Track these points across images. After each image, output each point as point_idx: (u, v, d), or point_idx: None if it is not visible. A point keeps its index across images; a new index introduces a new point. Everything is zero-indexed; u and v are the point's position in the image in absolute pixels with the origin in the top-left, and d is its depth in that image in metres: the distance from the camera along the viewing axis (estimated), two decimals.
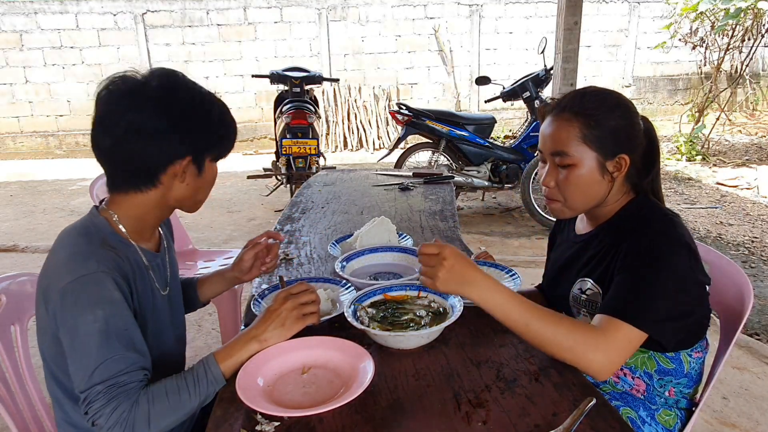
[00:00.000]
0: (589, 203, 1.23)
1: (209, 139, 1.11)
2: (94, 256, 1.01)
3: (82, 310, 0.96)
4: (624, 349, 1.04)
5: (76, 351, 0.96)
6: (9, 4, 8.04)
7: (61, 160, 8.21)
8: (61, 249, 1.06)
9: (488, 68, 8.64)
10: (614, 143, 1.17)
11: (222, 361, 1.04)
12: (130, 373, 0.97)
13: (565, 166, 1.19)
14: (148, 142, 1.04)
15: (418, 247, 1.08)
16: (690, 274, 1.11)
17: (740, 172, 6.17)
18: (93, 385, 0.94)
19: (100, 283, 0.99)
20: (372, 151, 8.42)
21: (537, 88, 4.73)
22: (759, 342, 2.75)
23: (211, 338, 2.87)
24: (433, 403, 0.95)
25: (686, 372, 1.22)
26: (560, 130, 1.19)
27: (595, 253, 1.25)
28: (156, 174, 1.07)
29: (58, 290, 0.98)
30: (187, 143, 1.07)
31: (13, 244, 4.45)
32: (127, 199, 1.10)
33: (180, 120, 1.05)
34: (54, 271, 1.03)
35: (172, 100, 1.05)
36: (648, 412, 1.23)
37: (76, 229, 1.09)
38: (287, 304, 1.10)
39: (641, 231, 1.14)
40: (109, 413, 0.92)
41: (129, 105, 1.03)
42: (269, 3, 8.38)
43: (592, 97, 1.20)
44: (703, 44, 7.50)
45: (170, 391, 0.98)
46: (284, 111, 4.85)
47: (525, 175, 4.46)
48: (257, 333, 1.08)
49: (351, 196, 2.45)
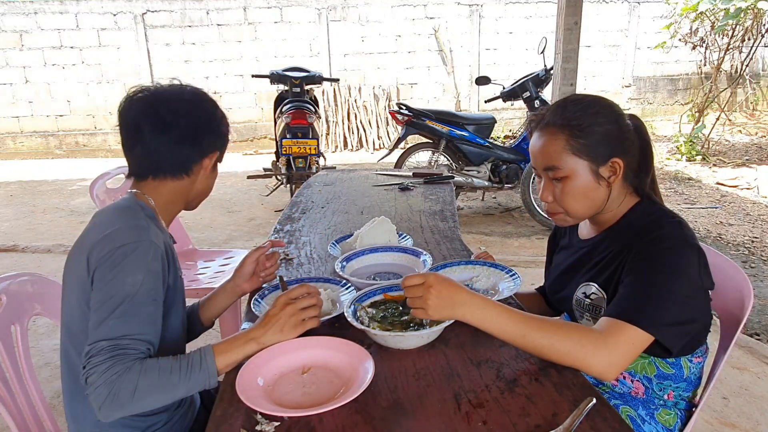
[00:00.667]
0: (591, 210, 1.22)
1: (224, 140, 1.28)
2: (146, 229, 1.11)
3: (127, 272, 1.03)
4: (627, 352, 1.03)
5: (104, 305, 1.01)
6: (9, 4, 8.04)
7: (61, 160, 8.21)
8: (112, 220, 1.13)
9: (488, 68, 8.63)
10: (604, 149, 1.16)
11: (219, 354, 1.04)
12: (136, 340, 1.00)
13: (559, 179, 1.19)
14: (195, 136, 1.21)
15: (401, 282, 1.09)
16: (698, 281, 1.10)
17: (740, 172, 6.17)
18: (99, 340, 0.98)
19: (149, 251, 1.07)
20: (372, 151, 8.42)
21: (537, 88, 4.73)
22: (759, 342, 2.76)
23: (211, 338, 2.87)
24: (433, 403, 0.95)
25: (686, 377, 1.22)
26: (548, 145, 1.18)
27: (601, 258, 1.24)
28: (191, 162, 1.22)
29: (110, 251, 1.05)
30: (217, 141, 1.26)
31: (13, 244, 4.45)
32: (161, 185, 1.22)
33: (211, 120, 1.24)
34: (106, 236, 1.08)
35: (203, 103, 1.24)
36: (647, 411, 1.23)
37: (120, 209, 1.17)
38: (287, 309, 1.10)
39: (651, 235, 1.13)
40: (101, 372, 0.94)
41: (172, 106, 1.19)
42: (269, 3, 8.38)
43: (573, 106, 1.18)
44: (703, 44, 7.50)
45: (162, 369, 0.98)
46: (284, 111, 4.86)
47: (525, 175, 4.46)
48: (256, 335, 1.08)
49: (351, 196, 2.45)
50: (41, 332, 2.93)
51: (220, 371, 1.04)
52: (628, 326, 1.03)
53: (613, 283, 1.18)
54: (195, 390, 1.02)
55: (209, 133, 1.23)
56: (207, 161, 1.25)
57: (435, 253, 1.66)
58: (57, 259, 4.04)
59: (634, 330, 1.03)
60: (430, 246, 1.75)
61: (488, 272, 1.42)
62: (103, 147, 8.62)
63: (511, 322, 1.03)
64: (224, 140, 1.28)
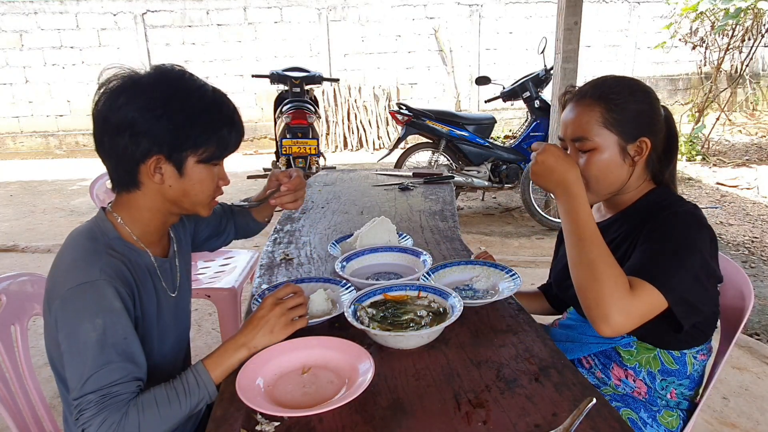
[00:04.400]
0: (611, 188, 1.22)
1: (183, 136, 1.04)
2: (98, 263, 1.00)
3: (82, 318, 0.96)
4: (644, 309, 1.03)
5: (73, 357, 0.96)
6: (9, 4, 8.04)
7: (61, 160, 8.21)
8: (67, 252, 1.06)
9: (488, 68, 8.63)
10: (635, 126, 1.18)
11: (212, 370, 1.03)
12: (124, 383, 0.96)
13: (586, 151, 1.20)
14: (114, 138, 1.02)
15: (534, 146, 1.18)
16: (710, 263, 1.10)
17: (740, 172, 6.17)
18: (85, 394, 0.93)
19: (100, 291, 0.98)
20: (372, 151, 8.42)
21: (537, 88, 4.73)
22: (759, 342, 2.75)
23: (211, 338, 2.88)
24: (433, 403, 0.95)
25: (689, 374, 1.22)
26: (582, 116, 1.20)
27: (614, 238, 1.24)
28: (133, 174, 1.06)
29: (60, 295, 0.98)
30: (152, 139, 1.02)
31: (13, 244, 4.45)
32: (126, 200, 1.11)
33: (143, 113, 1.00)
34: (58, 274, 1.03)
35: (139, 92, 1.01)
36: (649, 414, 1.23)
37: (83, 233, 1.08)
38: (276, 310, 1.09)
39: (665, 212, 1.13)
40: (99, 423, 0.91)
41: (101, 100, 1.03)
42: (269, 3, 8.38)
43: (612, 82, 1.22)
44: (703, 44, 7.50)
45: (160, 400, 0.97)
46: (284, 111, 4.86)
47: (525, 175, 4.46)
48: (246, 340, 1.07)
49: (351, 196, 2.45)
50: (41, 332, 2.91)
51: (217, 384, 1.03)
52: (648, 285, 1.03)
53: (624, 263, 1.18)
54: (198, 409, 1.02)
55: (134, 130, 1.01)
56: (147, 167, 1.04)
57: (435, 253, 1.66)
58: None
59: (652, 289, 1.03)
60: (430, 246, 1.75)
61: (488, 272, 1.42)
62: None
63: (587, 221, 1.09)
64: (178, 136, 1.03)
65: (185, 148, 1.05)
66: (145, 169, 1.05)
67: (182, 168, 1.07)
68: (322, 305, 1.26)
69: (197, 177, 1.09)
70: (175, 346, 1.27)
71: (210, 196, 1.14)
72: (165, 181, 1.07)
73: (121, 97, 1.01)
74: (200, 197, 1.12)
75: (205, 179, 1.10)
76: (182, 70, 1.08)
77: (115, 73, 1.04)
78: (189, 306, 1.34)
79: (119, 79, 1.03)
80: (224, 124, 1.09)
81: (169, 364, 1.23)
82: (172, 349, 1.25)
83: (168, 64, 1.08)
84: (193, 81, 1.07)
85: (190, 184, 1.09)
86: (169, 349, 1.24)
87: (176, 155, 1.05)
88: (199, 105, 1.05)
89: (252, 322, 1.09)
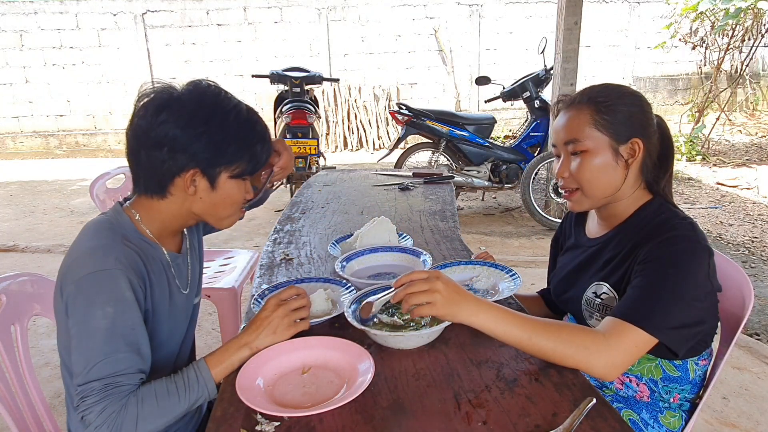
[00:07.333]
0: (606, 191, 1.22)
1: (220, 153, 1.08)
2: (113, 252, 1.03)
3: (93, 305, 0.98)
4: (630, 353, 1.03)
5: (81, 344, 0.98)
6: (9, 4, 8.04)
7: (61, 160, 8.21)
8: (85, 239, 1.08)
9: (488, 68, 8.64)
10: (626, 128, 1.18)
11: (213, 367, 1.04)
12: (128, 375, 0.97)
13: (577, 153, 1.20)
14: (151, 151, 1.06)
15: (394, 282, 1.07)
16: (707, 283, 1.10)
17: (740, 172, 6.17)
18: (89, 381, 0.95)
19: (114, 280, 1.00)
20: (372, 151, 8.42)
21: (537, 88, 4.73)
22: (759, 342, 2.75)
23: (212, 338, 2.88)
24: (433, 403, 0.95)
25: (691, 379, 1.22)
26: (572, 119, 1.21)
27: (613, 256, 1.23)
28: (165, 185, 1.09)
29: (74, 281, 1.00)
30: (191, 154, 1.06)
31: (13, 244, 4.45)
32: (147, 202, 1.13)
33: (185, 130, 1.05)
34: (74, 260, 1.04)
35: (180, 110, 1.06)
36: (651, 415, 1.22)
37: (100, 223, 1.11)
38: (279, 311, 1.10)
39: (663, 236, 1.12)
40: (99, 411, 0.93)
41: (140, 113, 1.07)
42: (269, 3, 8.38)
43: (601, 87, 1.23)
44: (703, 44, 7.50)
45: (160, 393, 0.98)
46: (284, 111, 4.86)
47: (525, 175, 4.47)
48: (249, 340, 1.08)
49: (351, 196, 2.45)
50: (41, 332, 2.93)
51: (217, 382, 1.04)
52: (632, 328, 1.03)
53: (624, 284, 1.17)
54: (196, 405, 1.02)
55: (174, 145, 1.05)
56: (183, 180, 1.08)
57: (435, 253, 1.66)
58: (57, 259, 4.03)
59: (638, 332, 1.02)
60: (430, 246, 1.75)
61: (488, 272, 1.42)
62: (103, 147, 8.62)
63: (516, 325, 1.02)
64: (215, 152, 1.07)
65: (221, 164, 1.10)
66: (180, 181, 1.09)
67: (215, 182, 1.11)
68: (323, 305, 1.26)
69: (228, 191, 1.13)
70: (183, 343, 1.27)
71: (236, 211, 1.19)
72: (197, 193, 1.11)
73: (163, 113, 1.05)
74: (228, 211, 1.17)
75: (235, 194, 1.15)
76: (218, 87, 1.12)
77: (153, 87, 1.08)
78: (198, 304, 1.35)
79: (157, 93, 1.07)
80: (257, 141, 1.13)
81: (177, 360, 1.24)
82: (180, 346, 1.26)
83: (204, 81, 1.12)
84: (229, 100, 1.11)
85: (220, 198, 1.13)
86: (177, 345, 1.24)
87: (211, 170, 1.09)
88: (236, 123, 1.10)
89: (255, 322, 1.10)
